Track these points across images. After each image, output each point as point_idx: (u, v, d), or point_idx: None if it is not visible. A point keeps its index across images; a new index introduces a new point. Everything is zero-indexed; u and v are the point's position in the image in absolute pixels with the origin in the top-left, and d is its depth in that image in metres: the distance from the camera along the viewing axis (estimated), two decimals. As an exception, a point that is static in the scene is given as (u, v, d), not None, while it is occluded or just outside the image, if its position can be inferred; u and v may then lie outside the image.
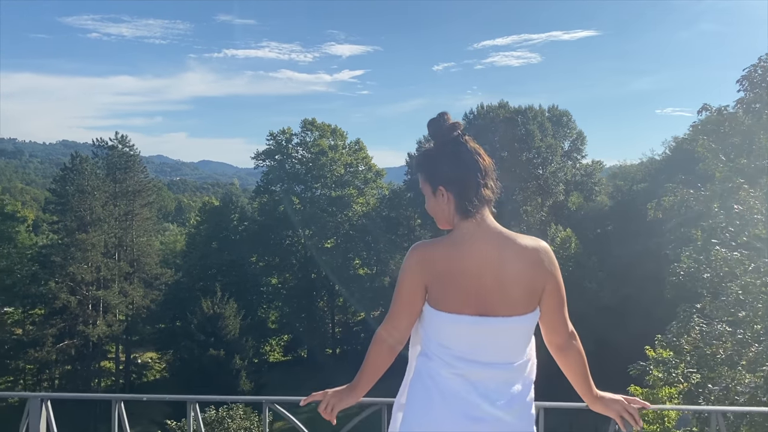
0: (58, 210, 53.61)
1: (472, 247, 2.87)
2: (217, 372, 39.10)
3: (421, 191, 3.34)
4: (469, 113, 68.02)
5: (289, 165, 73.51)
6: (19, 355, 48.53)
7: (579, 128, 69.73)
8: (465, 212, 2.91)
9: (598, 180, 69.47)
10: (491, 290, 2.83)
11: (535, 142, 63.13)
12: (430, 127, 3.10)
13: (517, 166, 64.25)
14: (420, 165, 3.14)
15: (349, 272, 73.05)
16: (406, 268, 2.99)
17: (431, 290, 2.91)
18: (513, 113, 65.32)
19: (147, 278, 55.24)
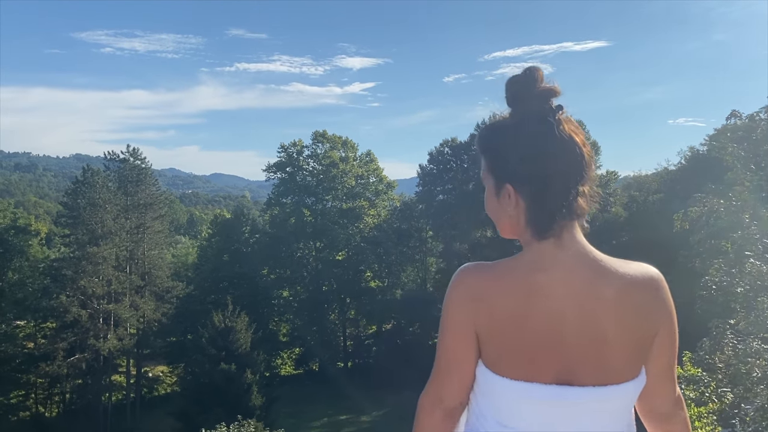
0: (70, 223, 53.56)
1: (551, 280, 1.94)
2: (228, 387, 38.59)
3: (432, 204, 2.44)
4: (481, 123, 67.33)
5: (300, 177, 73.37)
6: (31, 369, 48.39)
7: (593, 138, 69.03)
8: (542, 229, 1.99)
9: (612, 191, 68.57)
10: (579, 346, 1.92)
11: (548, 152, 62.55)
12: (510, 88, 2.11)
13: (530, 177, 63.62)
14: (483, 145, 2.18)
15: (361, 285, 72.63)
16: (449, 305, 2.07)
17: (487, 343, 2.00)
18: (524, 123, 64.85)
19: (158, 291, 55.00)
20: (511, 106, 2.11)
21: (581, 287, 1.94)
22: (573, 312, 1.91)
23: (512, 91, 2.10)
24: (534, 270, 1.97)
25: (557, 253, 1.98)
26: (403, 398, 57.79)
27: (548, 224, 1.99)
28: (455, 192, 69.17)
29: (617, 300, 1.93)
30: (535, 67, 2.08)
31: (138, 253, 54.64)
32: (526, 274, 1.97)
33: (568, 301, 1.92)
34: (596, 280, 1.95)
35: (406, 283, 75.37)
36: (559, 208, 1.98)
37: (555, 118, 2.02)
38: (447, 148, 70.28)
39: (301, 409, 53.78)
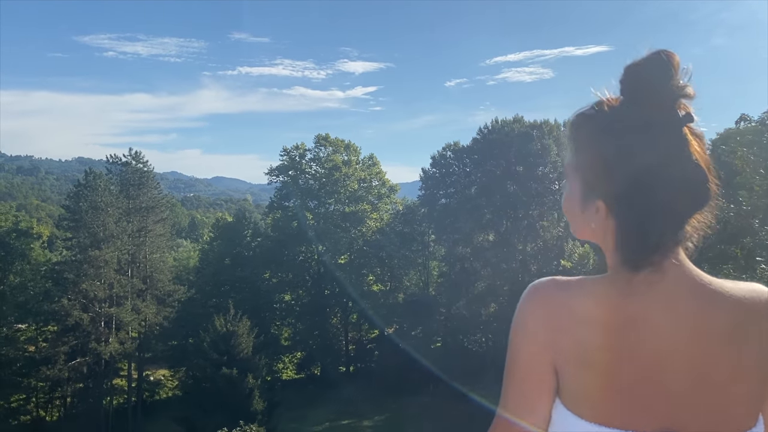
0: (72, 227, 53.41)
1: (651, 310, 1.60)
2: (230, 391, 38.38)
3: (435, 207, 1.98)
4: (484, 128, 67.44)
5: (303, 180, 73.24)
6: (32, 372, 48.18)
7: (594, 143, 68.82)
8: (635, 263, 1.62)
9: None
10: (686, 389, 1.57)
11: (552, 156, 62.35)
12: (635, 74, 1.64)
13: (533, 180, 63.48)
14: (579, 139, 1.77)
15: (363, 288, 72.41)
16: (520, 332, 1.74)
17: (569, 380, 1.65)
18: (528, 127, 64.69)
19: (160, 295, 54.83)
20: (630, 99, 1.65)
21: (688, 318, 1.59)
22: (678, 348, 1.57)
23: (638, 80, 1.63)
24: (629, 296, 1.61)
25: (657, 277, 1.61)
26: (405, 403, 57.68)
27: (645, 258, 1.61)
28: (458, 196, 69.02)
29: (732, 333, 1.59)
30: (670, 53, 1.62)
31: (140, 256, 54.49)
32: (620, 301, 1.61)
33: (672, 336, 1.58)
34: (705, 309, 1.60)
35: (409, 286, 75.17)
36: (663, 240, 1.61)
37: (686, 132, 1.61)
38: (449, 152, 70.12)
39: (302, 413, 53.54)
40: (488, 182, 65.63)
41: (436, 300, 70.44)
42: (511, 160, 64.35)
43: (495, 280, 66.97)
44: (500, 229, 66.86)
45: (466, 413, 54.33)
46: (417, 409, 55.61)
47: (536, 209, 64.60)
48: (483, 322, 67.96)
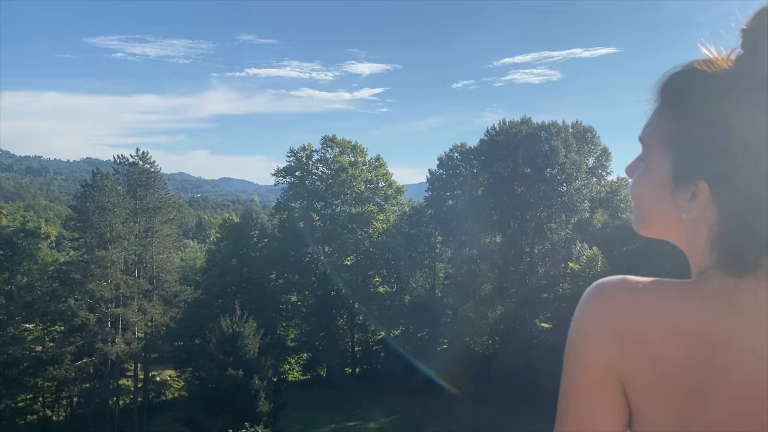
0: (79, 227, 53.43)
1: (746, 326, 1.28)
2: (236, 393, 38.28)
3: (441, 209, 1.60)
4: (491, 129, 67.16)
5: (310, 182, 73.15)
6: (38, 372, 48.22)
7: (603, 144, 68.48)
8: (739, 265, 1.31)
9: (623, 197, 67.95)
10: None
11: (560, 158, 61.97)
12: (758, 21, 1.32)
13: (541, 182, 63.10)
14: (676, 99, 1.41)
15: (369, 290, 72.24)
16: (579, 341, 1.42)
17: (642, 406, 1.37)
18: (536, 129, 64.34)
19: (166, 296, 54.81)
20: (760, 51, 1.29)
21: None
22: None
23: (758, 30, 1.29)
24: (718, 306, 1.30)
25: (754, 286, 1.29)
26: (411, 405, 57.47)
27: (754, 260, 1.30)
28: (464, 197, 68.74)
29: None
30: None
31: (146, 256, 54.49)
32: (707, 312, 1.30)
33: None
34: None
35: (415, 288, 74.92)
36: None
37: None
38: (456, 154, 69.86)
39: (308, 415, 53.38)
40: (495, 184, 65.31)
41: (442, 302, 70.14)
42: (518, 161, 64.02)
43: (502, 282, 66.61)
44: (507, 230, 66.51)
45: (473, 415, 54.10)
46: (423, 411, 55.41)
47: (544, 211, 64.22)
48: (490, 324, 67.59)
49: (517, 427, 50.41)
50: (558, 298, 60.47)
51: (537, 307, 64.64)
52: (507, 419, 52.36)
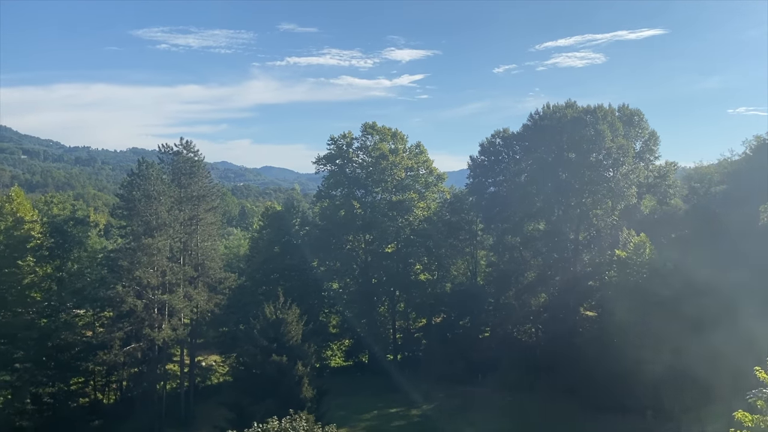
0: (126, 215, 54.53)
1: None
2: (280, 378, 38.59)
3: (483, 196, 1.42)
4: (535, 113, 65.76)
5: (350, 169, 73.12)
6: (89, 357, 49.58)
7: (651, 128, 66.39)
8: None
9: (672, 182, 65.98)
10: None
11: (606, 142, 60.35)
12: None
13: (586, 168, 61.61)
14: None
15: (410, 278, 72.06)
16: None
17: None
18: (581, 113, 62.70)
19: (211, 282, 55.60)
20: None
21: None
22: None
23: None
24: None
25: None
26: (453, 392, 57.17)
27: None
28: (507, 184, 67.69)
29: None
30: None
31: (191, 244, 55.29)
32: None
33: None
34: None
35: (456, 276, 74.38)
36: None
37: None
38: (498, 139, 68.74)
39: (351, 401, 53.64)
40: (539, 169, 64.07)
41: (484, 290, 69.50)
42: (563, 146, 62.61)
43: (546, 270, 65.55)
44: (551, 217, 65.29)
45: (516, 404, 53.54)
46: (465, 399, 55.07)
47: (589, 197, 62.76)
48: (533, 312, 66.73)
49: (561, 415, 49.70)
50: (604, 286, 59.16)
51: (582, 295, 63.45)
52: (550, 407, 51.67)
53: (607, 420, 46.74)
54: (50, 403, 48.74)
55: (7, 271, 49.76)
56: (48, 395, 48.51)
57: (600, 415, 47.75)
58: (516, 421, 49.21)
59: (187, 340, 54.64)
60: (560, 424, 48.18)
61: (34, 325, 49.08)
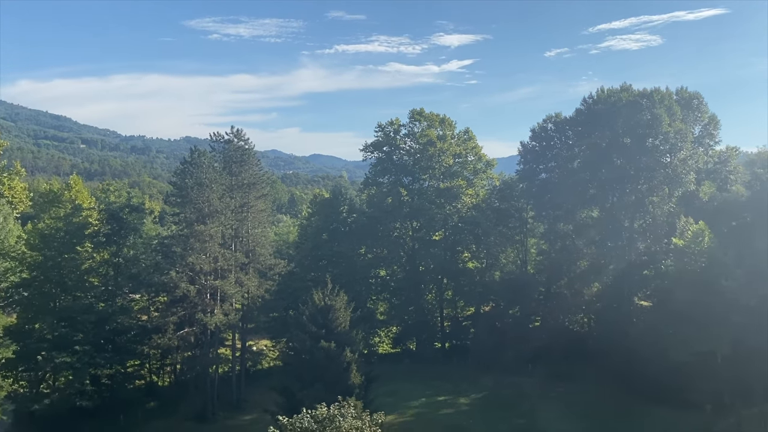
0: (179, 202, 55.67)
1: None
2: (328, 364, 38.84)
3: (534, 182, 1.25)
4: (588, 98, 63.93)
5: (397, 156, 72.79)
6: (144, 340, 51.01)
7: (711, 112, 63.77)
8: None
9: (733, 168, 63.30)
10: None
11: (663, 127, 58.21)
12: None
13: (642, 153, 59.64)
14: None
15: (458, 265, 71.50)
16: None
17: None
18: (637, 96, 60.63)
19: (261, 269, 56.30)
20: None
21: None
22: None
23: None
24: None
25: None
26: (502, 382, 56.53)
27: None
28: (559, 170, 66.15)
29: None
30: None
31: (242, 231, 56.06)
32: None
33: None
34: None
35: (506, 264, 73.36)
36: None
37: None
38: (550, 124, 67.16)
39: (398, 388, 53.65)
40: (592, 155, 62.34)
41: (534, 278, 68.34)
42: (617, 131, 60.68)
43: (599, 259, 63.93)
44: (605, 204, 63.55)
45: (567, 395, 52.55)
46: (515, 389, 54.36)
47: (645, 184, 60.77)
48: (585, 302, 65.28)
49: (614, 408, 48.51)
50: (660, 275, 57.32)
51: (636, 284, 61.71)
52: (602, 399, 50.52)
53: (663, 413, 45.37)
54: (108, 385, 50.37)
55: (67, 257, 51.50)
56: (106, 377, 50.11)
57: (655, 408, 46.41)
58: (567, 412, 48.32)
59: (239, 325, 55.58)
60: (613, 416, 47.05)
61: (92, 309, 50.70)
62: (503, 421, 46.91)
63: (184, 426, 48.49)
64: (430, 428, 46.33)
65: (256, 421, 45.42)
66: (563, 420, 46.57)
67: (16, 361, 45.64)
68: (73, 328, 47.85)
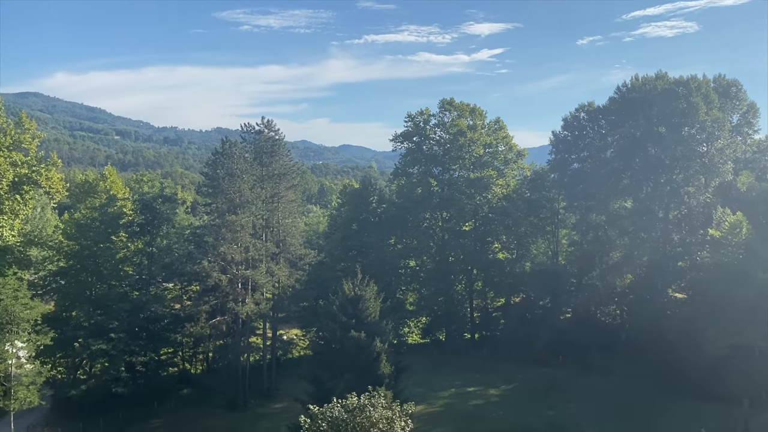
0: (210, 193, 56.30)
1: None
2: (358, 354, 38.90)
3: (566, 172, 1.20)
4: (622, 86, 62.70)
5: (427, 147, 72.43)
6: (177, 328, 51.81)
7: (750, 100, 62.04)
8: None
9: (773, 157, 61.61)
10: None
11: (700, 115, 56.82)
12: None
13: (678, 142, 58.34)
14: None
15: (488, 256, 71.03)
16: None
17: None
18: (673, 84, 59.25)
19: (292, 258, 56.66)
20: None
21: None
22: None
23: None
24: None
25: None
26: (532, 373, 56.11)
27: None
28: (591, 160, 65.11)
29: None
30: None
31: (273, 221, 56.44)
32: None
33: None
34: None
35: (536, 255, 72.67)
36: None
37: None
38: (583, 114, 66.08)
39: (428, 378, 53.66)
40: (626, 145, 61.21)
41: (566, 270, 67.57)
42: (652, 120, 59.43)
43: (632, 250, 62.90)
44: (639, 195, 62.39)
45: (597, 388, 51.88)
46: (545, 380, 53.92)
47: (681, 173, 59.48)
48: (618, 293, 64.36)
49: (647, 401, 47.81)
50: (695, 267, 56.14)
51: (670, 276, 60.59)
52: (635, 392, 49.79)
53: (698, 408, 44.48)
54: (142, 372, 51.36)
55: (102, 246, 52.49)
56: (140, 364, 51.10)
57: (690, 402, 45.54)
58: (599, 405, 47.73)
59: (269, 314, 56.10)
60: (646, 409, 46.34)
61: (126, 297, 51.66)
62: (533, 412, 46.57)
63: (217, 413, 49.20)
64: (460, 419, 46.25)
65: (287, 410, 45.85)
66: (595, 413, 46.01)
67: (54, 347, 46.75)
68: (109, 316, 48.81)
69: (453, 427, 44.70)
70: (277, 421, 45.62)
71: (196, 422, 47.33)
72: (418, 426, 37.41)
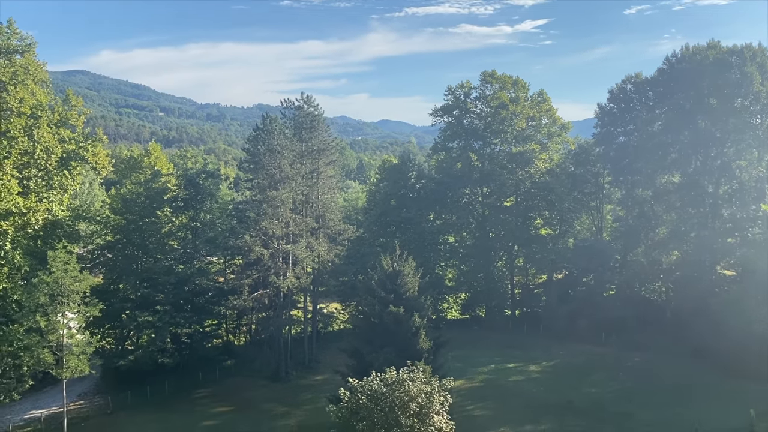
0: (252, 168, 56.73)
1: None
2: (397, 329, 39.04)
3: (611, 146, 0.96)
4: (672, 56, 60.48)
5: (468, 121, 71.40)
6: (221, 301, 52.87)
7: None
8: None
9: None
10: None
11: (754, 86, 54.45)
12: None
13: (730, 114, 56.10)
14: None
15: (530, 232, 70.07)
16: None
17: None
18: (725, 54, 56.83)
19: (331, 234, 57.01)
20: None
21: None
22: None
23: None
24: None
25: None
26: (574, 351, 55.49)
27: None
28: (638, 133, 63.23)
29: None
30: None
31: (312, 196, 56.73)
32: None
33: None
34: None
35: (580, 231, 71.36)
36: None
37: None
38: (630, 85, 64.05)
39: (467, 354, 53.61)
40: (675, 117, 59.17)
41: (610, 246, 66.21)
42: (703, 91, 57.22)
43: (679, 226, 61.16)
44: (688, 169, 60.42)
45: (642, 366, 51.03)
46: (587, 358, 53.30)
47: (732, 147, 57.32)
48: (664, 270, 62.84)
49: (693, 380, 46.78)
50: (746, 243, 54.41)
51: (719, 252, 58.79)
52: (680, 371, 48.80)
53: (747, 387, 43.33)
54: (187, 343, 52.62)
55: (148, 221, 53.65)
56: (185, 335, 52.33)
57: (738, 381, 44.39)
58: (644, 384, 46.96)
59: (310, 288, 56.68)
60: (693, 389, 45.32)
61: (172, 270, 52.81)
62: (574, 389, 46.09)
63: (260, 384, 50.27)
64: (500, 394, 46.12)
65: (327, 382, 46.50)
66: (638, 392, 45.30)
67: (103, 319, 48.16)
68: (155, 289, 50.03)
69: (493, 402, 44.60)
70: (317, 392, 46.33)
71: (240, 392, 48.43)
72: (457, 401, 37.47)
